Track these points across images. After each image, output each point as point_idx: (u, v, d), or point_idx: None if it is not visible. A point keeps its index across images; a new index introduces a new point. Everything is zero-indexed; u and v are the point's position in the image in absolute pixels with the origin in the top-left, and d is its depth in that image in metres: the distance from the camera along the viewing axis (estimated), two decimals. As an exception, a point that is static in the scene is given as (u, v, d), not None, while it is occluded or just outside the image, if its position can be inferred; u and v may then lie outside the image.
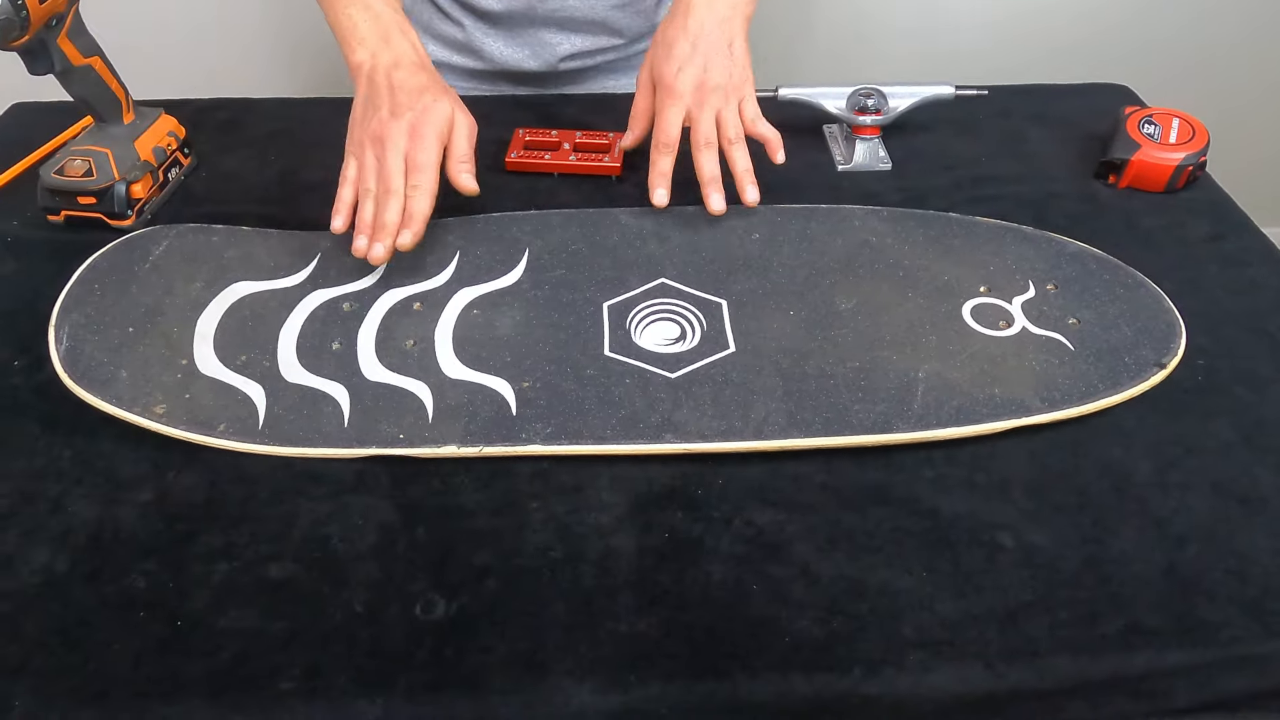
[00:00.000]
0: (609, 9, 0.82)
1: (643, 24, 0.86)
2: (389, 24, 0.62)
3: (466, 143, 0.61)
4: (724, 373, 0.55)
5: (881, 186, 0.73)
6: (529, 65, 0.85)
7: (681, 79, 0.64)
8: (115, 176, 0.65)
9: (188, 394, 0.53)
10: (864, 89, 0.73)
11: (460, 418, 0.52)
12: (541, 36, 0.83)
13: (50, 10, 0.58)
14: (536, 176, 0.74)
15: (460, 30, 0.84)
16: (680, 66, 0.64)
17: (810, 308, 0.60)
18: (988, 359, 0.56)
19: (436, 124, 0.59)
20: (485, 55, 0.84)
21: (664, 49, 0.66)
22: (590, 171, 0.73)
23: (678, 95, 0.64)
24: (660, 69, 0.66)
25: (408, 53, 0.61)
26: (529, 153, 0.73)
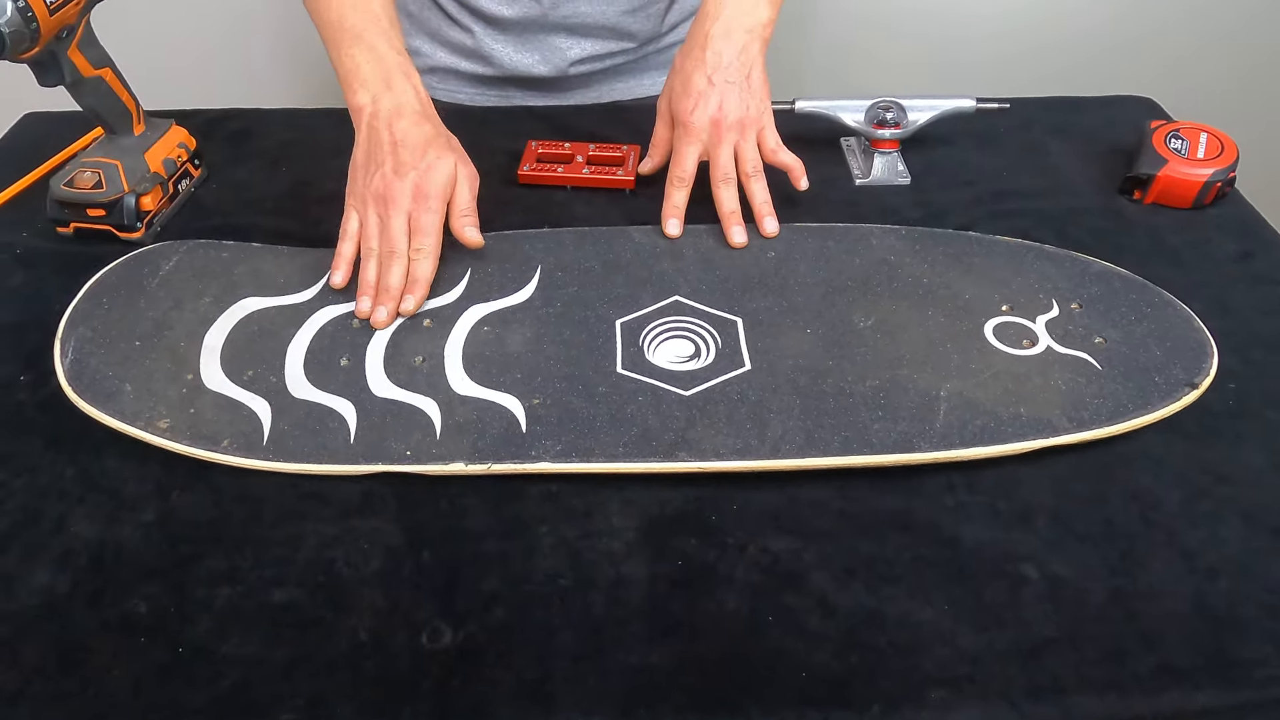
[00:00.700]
0: (620, 14, 0.81)
1: (653, 27, 0.85)
2: (391, 67, 0.61)
3: (469, 195, 0.60)
4: (739, 391, 0.54)
5: (900, 201, 0.71)
6: (538, 70, 0.84)
7: (698, 116, 0.63)
8: (125, 189, 0.64)
9: (192, 409, 0.52)
10: (883, 102, 0.72)
11: (469, 434, 0.51)
12: (551, 42, 0.82)
13: (61, 22, 0.58)
14: (549, 189, 0.73)
15: (469, 36, 0.83)
16: (697, 103, 0.63)
17: (828, 326, 0.58)
18: (1012, 378, 0.54)
19: (440, 184, 0.58)
20: (494, 61, 0.84)
21: (681, 83, 0.65)
22: (604, 185, 0.72)
23: (695, 132, 0.64)
24: (677, 105, 0.65)
25: (410, 100, 0.60)
26: (542, 165, 0.72)
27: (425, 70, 0.89)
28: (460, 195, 0.60)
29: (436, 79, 0.89)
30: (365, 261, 0.58)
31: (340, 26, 0.62)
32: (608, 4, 0.80)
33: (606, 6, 0.80)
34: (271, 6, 1.29)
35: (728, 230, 0.64)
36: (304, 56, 1.33)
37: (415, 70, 0.63)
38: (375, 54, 0.61)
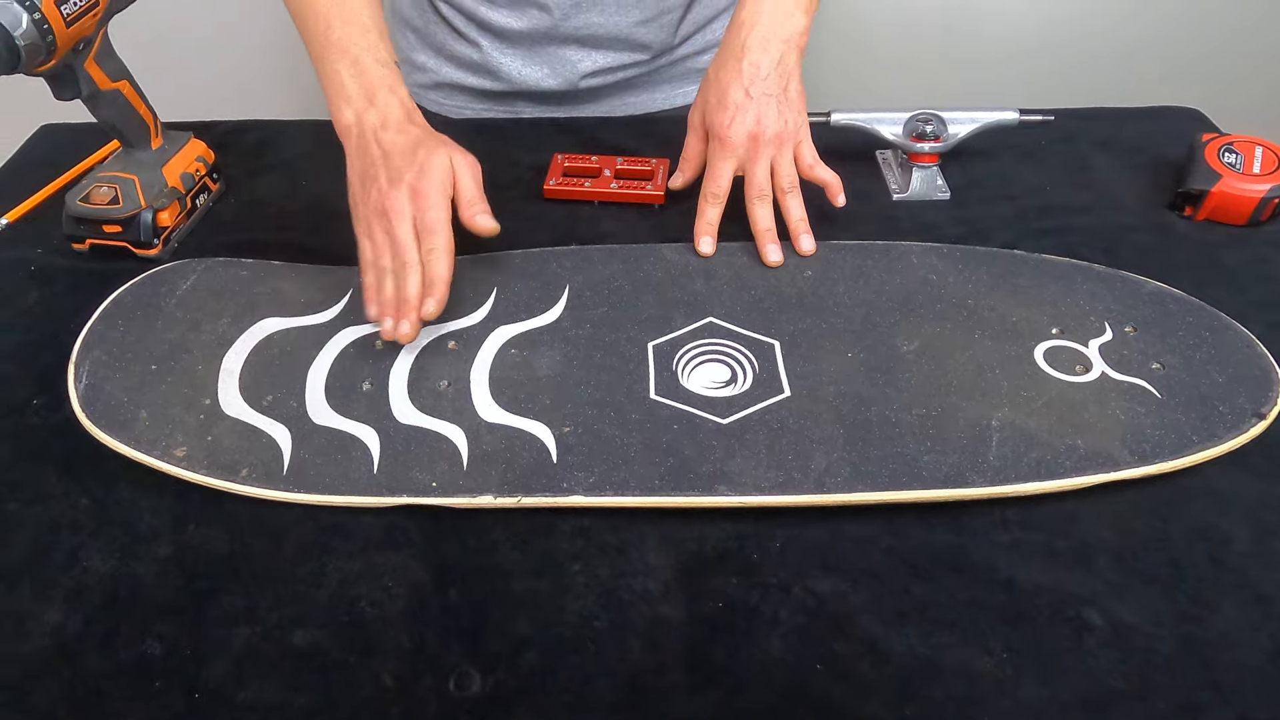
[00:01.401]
0: (633, 25, 0.79)
1: (666, 38, 0.82)
2: (375, 81, 0.57)
3: (473, 184, 0.56)
4: (779, 419, 0.51)
5: (940, 217, 0.69)
6: (548, 84, 0.82)
7: (735, 130, 0.61)
8: (141, 204, 0.63)
9: (210, 436, 0.50)
10: (922, 114, 0.69)
11: (497, 465, 0.49)
12: (562, 54, 0.80)
13: (78, 34, 0.56)
14: (576, 204, 0.70)
15: (476, 51, 0.81)
16: (734, 117, 0.61)
17: (869, 349, 0.56)
18: (1066, 406, 0.52)
19: (437, 178, 0.54)
20: (502, 75, 0.81)
21: (717, 95, 0.62)
22: (633, 200, 0.69)
23: (731, 147, 0.62)
24: (713, 118, 0.62)
25: (394, 110, 0.57)
26: (568, 180, 0.70)
27: (431, 86, 0.86)
28: (464, 185, 0.56)
29: (442, 95, 0.87)
30: (381, 281, 0.55)
31: (326, 40, 0.59)
32: (620, 14, 0.78)
33: (619, 17, 0.78)
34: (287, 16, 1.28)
35: (763, 249, 0.62)
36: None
37: (402, 83, 0.59)
38: (359, 67, 0.58)
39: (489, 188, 0.60)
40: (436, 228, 0.54)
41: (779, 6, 0.61)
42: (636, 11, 0.78)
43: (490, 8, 0.78)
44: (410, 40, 0.86)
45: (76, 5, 0.55)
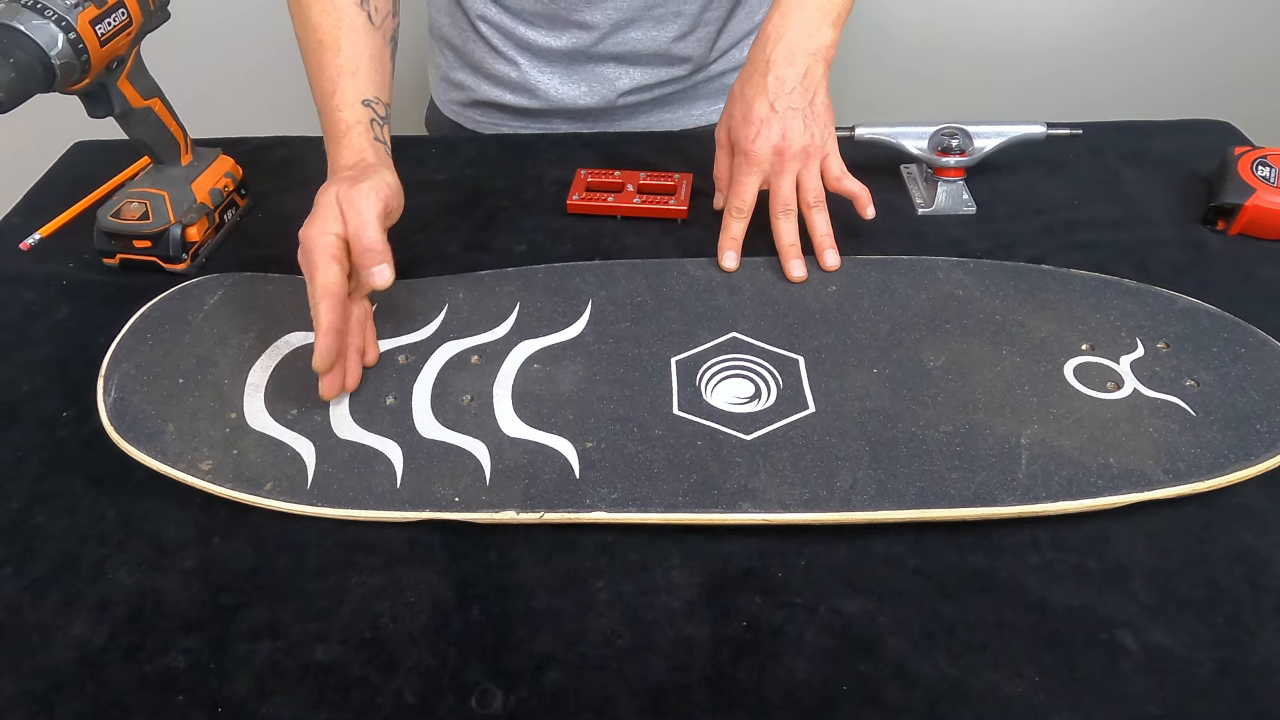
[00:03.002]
0: (670, 40, 0.79)
1: (704, 52, 0.82)
2: (365, 155, 0.56)
3: (361, 224, 0.51)
4: (804, 435, 0.51)
5: (965, 232, 0.68)
6: (586, 102, 0.82)
7: (760, 145, 0.61)
8: (170, 219, 0.63)
9: (235, 450, 0.50)
10: (947, 128, 0.69)
11: (520, 480, 0.49)
12: (600, 72, 0.81)
13: (112, 53, 0.57)
14: (599, 219, 0.70)
15: (514, 69, 0.81)
16: (759, 131, 0.60)
17: (895, 365, 0.55)
18: (1098, 424, 0.51)
19: (313, 236, 0.51)
20: (540, 93, 0.82)
21: (742, 109, 0.62)
22: (655, 215, 0.69)
23: (755, 162, 0.61)
24: (738, 132, 0.62)
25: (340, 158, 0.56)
26: (591, 195, 0.70)
27: (468, 104, 0.87)
28: (352, 226, 0.51)
29: (479, 112, 0.87)
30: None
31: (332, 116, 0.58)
32: (658, 29, 0.78)
33: (657, 32, 0.78)
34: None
35: (786, 264, 0.62)
36: None
37: (363, 125, 0.57)
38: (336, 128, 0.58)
39: (513, 203, 0.60)
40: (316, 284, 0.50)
41: (806, 20, 0.61)
42: (675, 26, 0.78)
43: (529, 27, 0.78)
44: (449, 59, 0.87)
45: (111, 25, 0.56)
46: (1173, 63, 1.29)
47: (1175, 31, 1.27)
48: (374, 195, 0.52)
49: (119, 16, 0.57)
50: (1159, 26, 1.27)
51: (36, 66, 0.52)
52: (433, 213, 0.71)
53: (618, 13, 0.76)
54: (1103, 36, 1.28)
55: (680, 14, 0.78)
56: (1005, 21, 1.28)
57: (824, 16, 0.61)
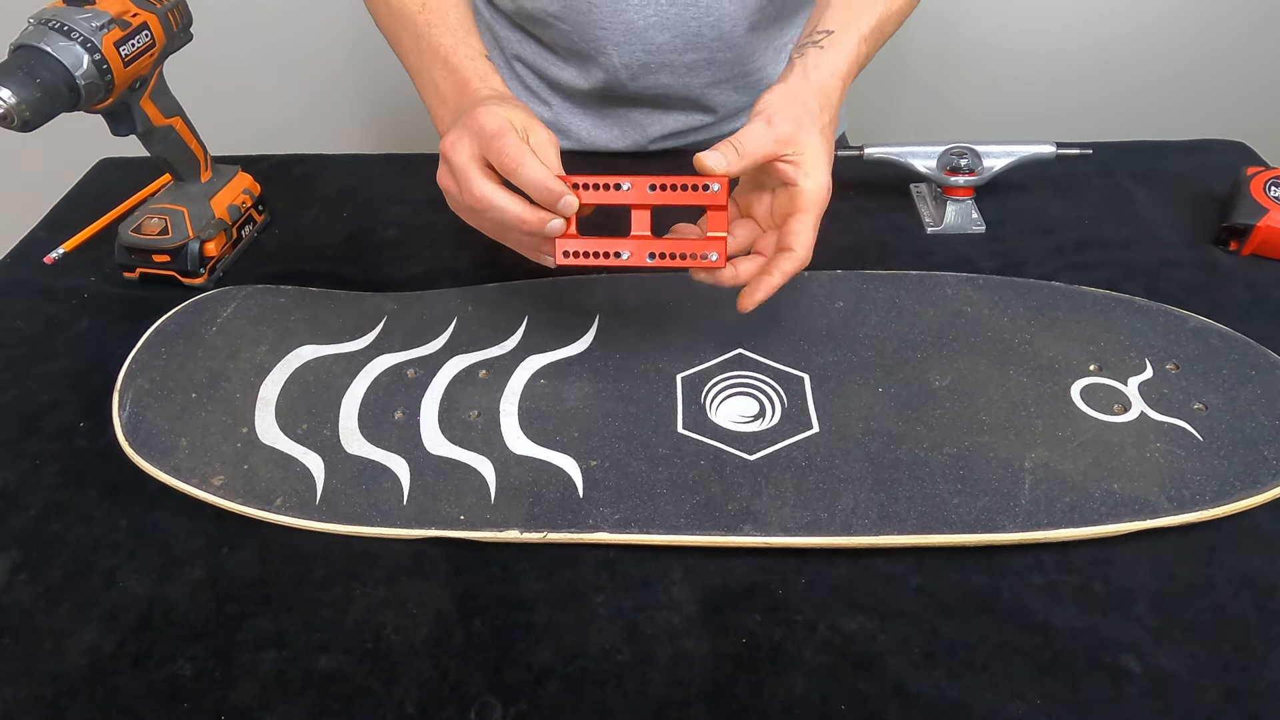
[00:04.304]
0: (704, 86, 0.78)
1: (739, 100, 0.80)
2: (468, 73, 0.54)
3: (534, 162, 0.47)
4: (807, 456, 0.51)
5: (974, 251, 0.68)
6: (617, 145, 0.82)
7: (825, 192, 0.49)
8: (189, 235, 0.65)
9: (246, 464, 0.51)
10: (956, 148, 0.69)
11: (524, 498, 0.49)
12: (632, 116, 0.80)
13: (135, 73, 0.59)
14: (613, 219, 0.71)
15: (548, 109, 0.82)
16: (826, 176, 0.50)
17: (901, 384, 0.55)
18: (1103, 448, 0.50)
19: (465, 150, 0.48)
20: (572, 135, 0.82)
21: (812, 146, 0.49)
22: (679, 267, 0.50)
23: (821, 203, 0.49)
24: (810, 174, 0.49)
25: (483, 92, 0.53)
26: (587, 244, 0.50)
27: None
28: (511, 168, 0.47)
29: None
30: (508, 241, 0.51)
31: (419, 50, 0.57)
32: (691, 76, 0.76)
33: (689, 78, 0.77)
34: (335, 54, 1.32)
35: (746, 293, 0.51)
36: (370, 101, 1.36)
37: (494, 71, 0.55)
38: (450, 67, 0.55)
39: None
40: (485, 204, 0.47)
41: (847, 38, 0.55)
42: (708, 73, 0.76)
43: (560, 66, 0.79)
44: None
45: (135, 46, 0.58)
46: (1185, 83, 1.29)
47: (1188, 51, 1.27)
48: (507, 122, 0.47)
49: (143, 38, 0.58)
50: (1171, 46, 1.26)
51: (62, 87, 0.54)
52: (444, 229, 0.72)
53: (645, 54, 0.74)
54: (1115, 56, 1.28)
55: (713, 62, 0.76)
56: (1015, 40, 1.28)
57: (860, 37, 0.56)
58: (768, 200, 0.53)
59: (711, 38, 0.74)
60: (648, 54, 0.74)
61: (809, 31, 0.57)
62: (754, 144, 0.48)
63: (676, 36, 0.73)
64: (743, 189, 0.54)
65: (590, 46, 0.75)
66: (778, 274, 0.49)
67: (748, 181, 0.54)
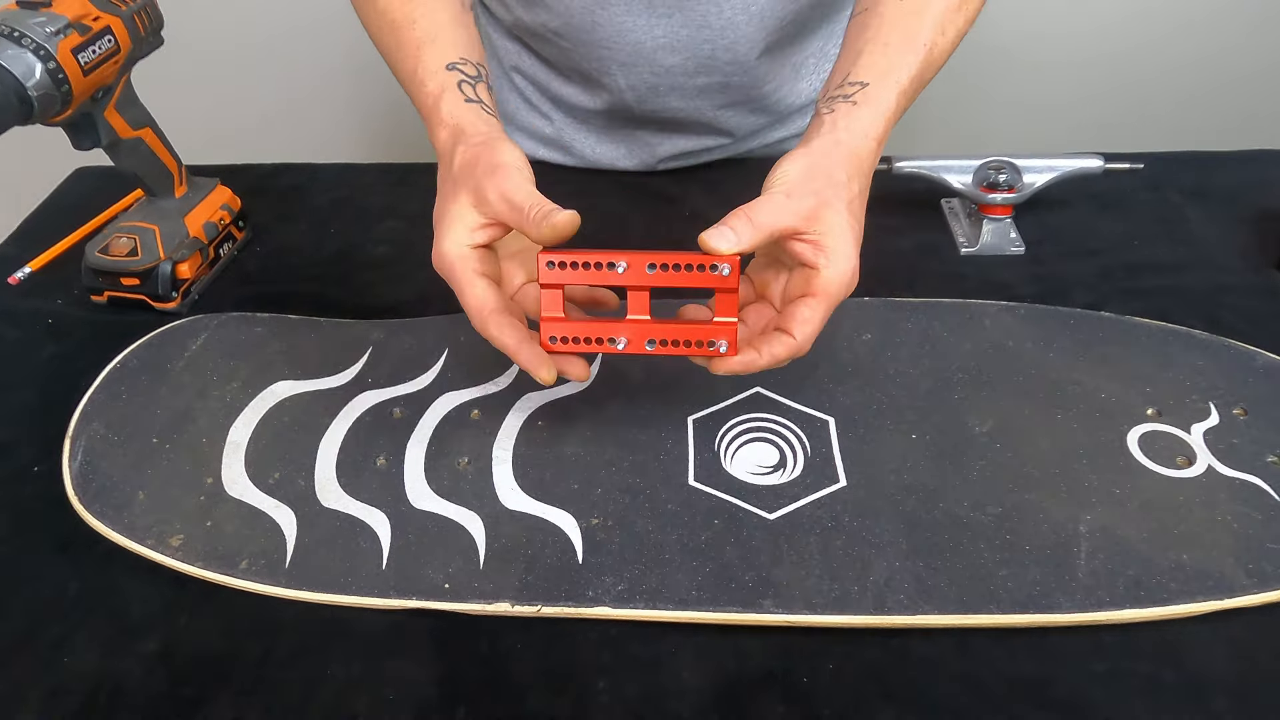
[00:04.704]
0: (717, 109, 0.72)
1: (755, 121, 0.75)
2: (442, 139, 0.47)
3: (504, 201, 0.42)
4: (834, 515, 0.45)
5: (1012, 275, 0.62)
6: (624, 164, 0.76)
7: (848, 280, 0.43)
8: (160, 256, 0.60)
9: (209, 520, 0.46)
10: (994, 162, 0.63)
11: (516, 562, 0.44)
12: (639, 136, 0.74)
13: (97, 83, 0.54)
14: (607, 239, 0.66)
15: (549, 124, 0.76)
16: (851, 260, 0.43)
17: (936, 430, 0.50)
18: (1167, 509, 0.45)
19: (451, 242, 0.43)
20: (575, 151, 0.76)
21: (837, 225, 0.43)
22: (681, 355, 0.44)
23: (836, 299, 0.43)
24: (833, 259, 0.42)
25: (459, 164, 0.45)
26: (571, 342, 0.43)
27: None
28: (499, 207, 0.42)
29: None
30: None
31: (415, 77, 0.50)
32: (702, 99, 0.70)
33: (700, 101, 0.71)
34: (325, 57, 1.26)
35: (717, 363, 0.44)
36: (361, 102, 1.30)
37: (483, 115, 0.48)
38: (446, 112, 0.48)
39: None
40: (468, 308, 0.44)
41: (884, 92, 0.47)
42: (721, 96, 0.71)
43: (563, 82, 0.73)
44: None
45: (95, 53, 0.53)
46: (1238, 90, 1.21)
47: (1239, 54, 1.20)
48: (496, 175, 0.42)
49: (104, 44, 0.53)
50: (1220, 48, 1.19)
51: (12, 99, 0.49)
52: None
53: (654, 78, 0.69)
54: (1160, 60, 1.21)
55: (727, 86, 0.70)
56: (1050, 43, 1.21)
57: (908, 96, 0.49)
58: (784, 280, 0.45)
59: (725, 60, 0.67)
60: (656, 76, 0.68)
61: (839, 80, 0.49)
62: (769, 218, 0.41)
63: (688, 59, 0.67)
64: (757, 265, 0.47)
65: (594, 67, 0.69)
66: (765, 355, 0.42)
67: (764, 257, 0.47)
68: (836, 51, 0.54)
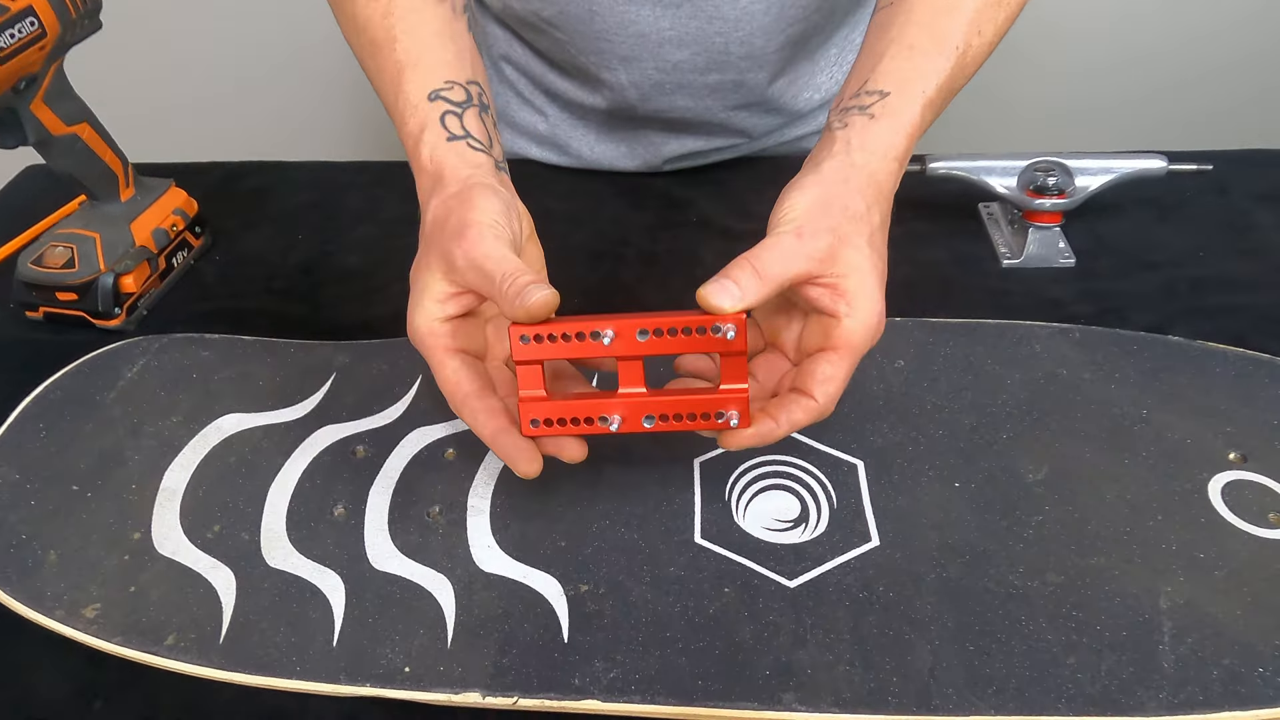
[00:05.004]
0: (729, 110, 0.64)
1: (771, 122, 0.67)
2: (441, 164, 0.41)
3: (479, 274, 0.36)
4: (865, 583, 0.39)
5: (1063, 291, 0.55)
6: (625, 165, 0.69)
7: (873, 328, 0.37)
8: (101, 268, 0.53)
9: (133, 586, 0.39)
10: (1042, 162, 0.56)
11: (491, 639, 0.37)
12: (643, 136, 0.67)
13: (17, 72, 0.47)
14: (613, 262, 0.59)
15: (543, 120, 0.69)
16: (875, 303, 0.37)
17: (983, 476, 0.43)
18: (1264, 578, 0.38)
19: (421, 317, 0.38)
20: (572, 151, 0.69)
21: (857, 265, 0.37)
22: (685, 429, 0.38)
23: (860, 351, 0.38)
24: (855, 305, 0.37)
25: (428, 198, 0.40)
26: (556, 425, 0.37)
27: None
28: (474, 280, 0.36)
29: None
30: None
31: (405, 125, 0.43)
32: (713, 98, 0.63)
33: (711, 101, 0.63)
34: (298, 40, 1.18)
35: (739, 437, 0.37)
36: (337, 96, 1.21)
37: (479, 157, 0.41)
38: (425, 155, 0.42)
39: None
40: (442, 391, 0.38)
41: (906, 104, 0.41)
42: (734, 96, 0.63)
43: (559, 75, 0.66)
44: None
45: (14, 37, 0.46)
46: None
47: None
48: (465, 237, 0.36)
49: (26, 28, 0.47)
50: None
51: (-88, 90, 0.42)
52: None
53: (659, 74, 0.61)
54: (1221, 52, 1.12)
55: (741, 85, 0.62)
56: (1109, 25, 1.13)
57: (935, 108, 0.42)
58: (798, 328, 0.39)
59: (739, 56, 0.60)
60: (661, 73, 0.61)
61: (855, 88, 0.42)
62: (779, 267, 0.35)
63: (697, 54, 0.60)
64: (766, 310, 0.41)
65: (592, 61, 0.62)
66: (783, 423, 0.36)
67: (774, 299, 0.39)
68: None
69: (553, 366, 0.41)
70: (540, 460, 0.37)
